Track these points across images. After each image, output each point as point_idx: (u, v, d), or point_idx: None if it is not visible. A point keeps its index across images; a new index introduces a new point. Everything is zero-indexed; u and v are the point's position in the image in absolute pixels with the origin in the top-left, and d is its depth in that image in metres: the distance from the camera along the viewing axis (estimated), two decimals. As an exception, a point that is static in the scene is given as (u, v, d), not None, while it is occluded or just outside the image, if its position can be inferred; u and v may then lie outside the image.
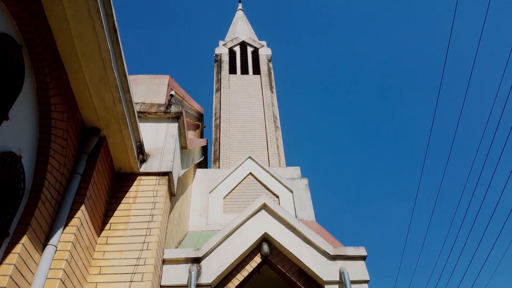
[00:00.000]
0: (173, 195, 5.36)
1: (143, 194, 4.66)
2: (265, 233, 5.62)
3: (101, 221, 4.31)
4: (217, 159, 11.30)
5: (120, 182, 4.75)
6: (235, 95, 13.39)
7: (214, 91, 13.86)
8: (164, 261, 5.20)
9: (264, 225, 5.71)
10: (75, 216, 3.62)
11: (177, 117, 5.56)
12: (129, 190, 4.68)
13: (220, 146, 11.55)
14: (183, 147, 6.14)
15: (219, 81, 13.98)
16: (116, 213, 4.45)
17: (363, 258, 5.47)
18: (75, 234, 3.51)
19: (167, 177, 4.90)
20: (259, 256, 5.60)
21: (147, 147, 5.12)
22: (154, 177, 4.84)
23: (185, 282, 5.01)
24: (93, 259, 4.03)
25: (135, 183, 4.77)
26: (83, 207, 3.71)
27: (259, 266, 5.62)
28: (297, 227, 5.65)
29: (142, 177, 4.84)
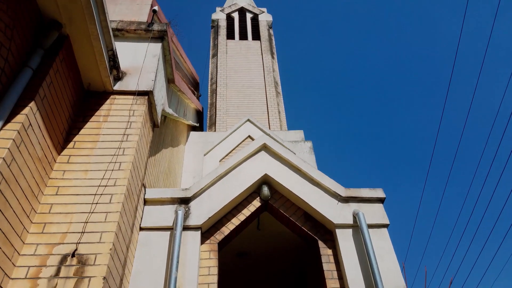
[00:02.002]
0: (156, 126, 4.60)
1: (117, 113, 3.91)
2: (265, 174, 4.87)
3: (63, 138, 3.56)
4: (212, 123, 10.54)
5: (90, 100, 3.99)
6: (233, 60, 12.61)
7: (210, 57, 13.09)
8: (145, 202, 4.46)
9: (264, 166, 4.96)
10: (22, 112, 2.87)
11: (160, 37, 4.80)
12: (100, 109, 3.93)
13: (216, 110, 10.80)
14: (170, 80, 5.38)
15: (215, 46, 13.20)
16: (83, 131, 3.70)
17: (380, 200, 4.72)
18: (19, 133, 2.76)
19: (146, 97, 4.14)
20: (258, 200, 4.85)
21: (123, 66, 4.36)
22: (131, 97, 4.09)
23: (169, 224, 4.27)
24: (50, 178, 3.28)
25: (108, 101, 4.02)
26: (32, 105, 2.96)
27: (258, 211, 4.87)
28: (302, 168, 4.91)
29: (117, 96, 4.08)
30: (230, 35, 13.64)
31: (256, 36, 13.78)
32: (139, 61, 4.43)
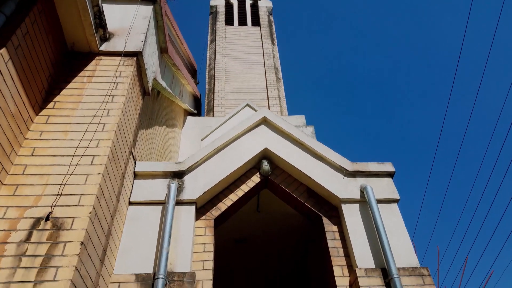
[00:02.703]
0: (146, 94, 4.28)
1: (102, 74, 3.59)
2: (266, 149, 4.56)
3: (42, 98, 3.24)
4: (210, 109, 10.22)
5: (74, 61, 3.68)
6: (232, 46, 12.29)
7: (208, 43, 12.77)
8: (136, 175, 4.15)
9: (265, 140, 4.65)
10: (-11, 58, 2.55)
11: (152, 0, 4.48)
12: (84, 69, 3.61)
13: (214, 96, 10.47)
14: (162, 49, 5.05)
15: (214, 32, 12.87)
16: (64, 92, 3.38)
17: (390, 175, 4.41)
18: (-15, 80, 2.45)
19: (135, 59, 3.82)
20: (258, 175, 4.54)
21: (111, 28, 4.05)
22: (118, 58, 3.77)
23: (161, 198, 3.95)
24: (26, 139, 2.97)
25: (93, 62, 3.70)
26: (4, 52, 2.64)
27: (258, 187, 4.56)
28: (305, 142, 4.59)
29: (103, 57, 3.76)
30: (229, 21, 13.32)
31: (256, 22, 13.46)
32: (128, 22, 4.11)
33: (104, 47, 3.82)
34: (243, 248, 6.74)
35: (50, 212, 2.50)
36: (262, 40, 12.58)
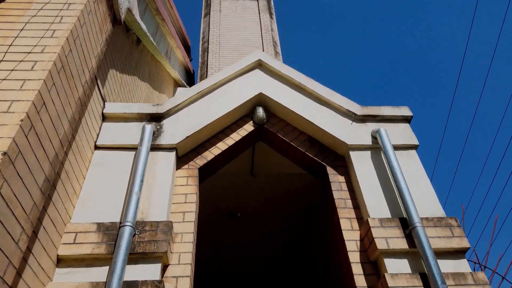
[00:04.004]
0: (117, 22, 3.70)
1: (60, -16, 3.00)
2: (260, 94, 3.98)
3: (-21, 2, 2.66)
4: (204, 82, 9.62)
5: (25, -29, 3.09)
6: (227, 19, 11.70)
7: (202, 17, 12.17)
8: (104, 117, 3.58)
9: (259, 85, 4.06)
10: None
11: None
12: (38, -21, 3.02)
13: (208, 68, 9.88)
14: (142, -16, 4.47)
15: (208, 5, 12.28)
16: (10, -1, 2.80)
17: (406, 120, 3.84)
18: None
19: (103, -28, 3.24)
20: (251, 124, 3.96)
21: None
22: (82, -31, 3.18)
23: (134, 143, 3.38)
24: (-48, 43, 2.39)
25: (50, -27, 3.11)
26: None
27: (251, 137, 3.98)
28: (307, 86, 4.00)
29: (62, -32, 3.18)
30: (224, -6, 12.72)
31: (253, -5, 12.86)
32: None
33: (64, -42, 3.23)
34: (237, 222, 6.17)
35: (-31, 118, 1.92)
36: (259, 13, 12.00)
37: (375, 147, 3.56)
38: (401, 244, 2.79)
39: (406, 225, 2.88)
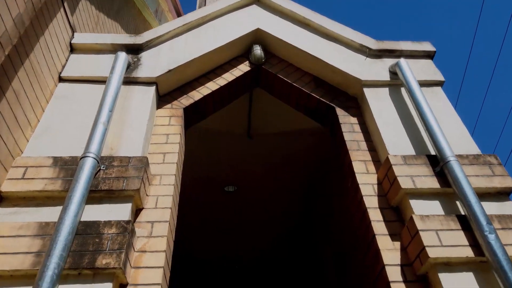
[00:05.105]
0: None
1: None
2: (258, 29, 3.48)
3: None
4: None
5: None
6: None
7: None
8: (73, 49, 3.10)
9: (256, 20, 3.56)
10: None
11: None
12: None
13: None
14: None
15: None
16: None
17: (429, 55, 3.35)
18: None
19: None
20: (247, 64, 3.47)
21: None
22: None
23: (106, 74, 2.89)
24: None
25: None
26: None
27: (246, 79, 3.49)
28: (313, 21, 3.49)
29: None
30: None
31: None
32: None
33: None
34: (232, 196, 5.70)
35: None
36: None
37: (394, 84, 3.08)
38: (431, 183, 2.30)
39: (436, 162, 2.40)
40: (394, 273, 2.04)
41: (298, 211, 5.93)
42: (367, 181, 2.54)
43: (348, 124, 2.96)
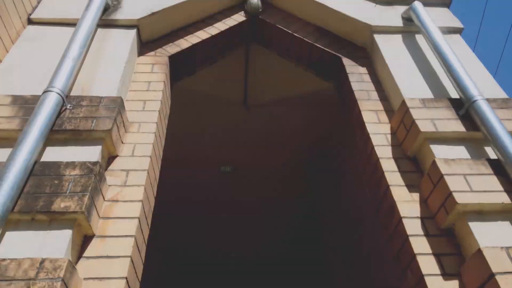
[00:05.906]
0: None
1: None
2: (254, -22, 3.18)
3: None
4: None
5: None
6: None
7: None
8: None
9: (252, -31, 3.26)
10: None
11: None
12: None
13: None
14: None
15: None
16: None
17: (444, 4, 3.05)
18: None
19: None
20: (242, 14, 3.17)
21: None
22: None
23: (79, 17, 2.57)
24: None
25: None
26: None
27: (241, 30, 3.19)
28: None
29: None
30: None
31: None
32: None
33: None
34: (229, 177, 5.40)
35: None
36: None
37: (408, 31, 2.77)
38: (455, 126, 2.00)
39: (460, 105, 2.09)
40: (413, 226, 1.74)
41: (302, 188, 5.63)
42: (379, 130, 2.23)
43: (357, 74, 2.65)
